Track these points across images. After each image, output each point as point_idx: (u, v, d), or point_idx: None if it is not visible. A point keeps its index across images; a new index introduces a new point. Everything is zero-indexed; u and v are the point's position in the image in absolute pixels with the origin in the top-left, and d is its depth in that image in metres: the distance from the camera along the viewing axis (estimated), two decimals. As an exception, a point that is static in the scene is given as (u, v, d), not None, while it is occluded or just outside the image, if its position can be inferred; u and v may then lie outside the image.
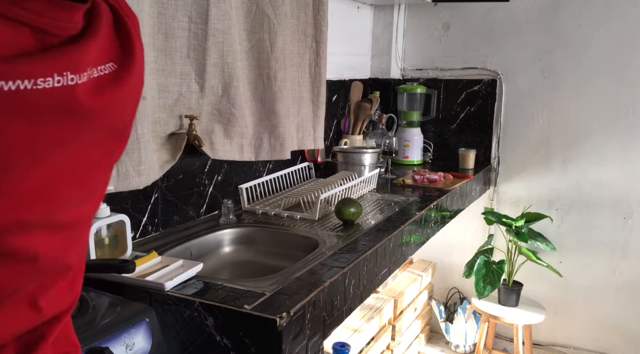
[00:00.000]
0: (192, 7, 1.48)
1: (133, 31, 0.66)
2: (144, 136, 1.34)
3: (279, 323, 1.06)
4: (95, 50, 0.57)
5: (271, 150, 1.80)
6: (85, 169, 0.61)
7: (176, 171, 1.62)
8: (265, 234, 1.71)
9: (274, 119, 1.77)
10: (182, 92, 1.49)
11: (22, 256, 0.55)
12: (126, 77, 0.62)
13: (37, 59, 0.50)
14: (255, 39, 1.70)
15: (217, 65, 1.57)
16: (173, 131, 1.49)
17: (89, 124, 0.58)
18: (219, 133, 1.63)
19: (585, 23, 2.50)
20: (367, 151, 2.34)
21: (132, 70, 0.63)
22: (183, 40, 1.47)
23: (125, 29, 0.64)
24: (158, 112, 1.42)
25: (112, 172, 0.74)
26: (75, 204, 0.61)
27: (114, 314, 0.99)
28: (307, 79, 1.96)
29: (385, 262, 1.60)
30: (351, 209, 1.73)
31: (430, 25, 2.86)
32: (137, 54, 0.66)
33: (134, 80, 0.64)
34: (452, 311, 2.96)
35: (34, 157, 0.53)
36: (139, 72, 0.66)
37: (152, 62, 1.37)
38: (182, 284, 1.21)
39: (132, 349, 0.94)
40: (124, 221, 1.30)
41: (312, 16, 1.93)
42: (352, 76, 2.70)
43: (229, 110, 1.63)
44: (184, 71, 1.49)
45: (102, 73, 0.58)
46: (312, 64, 1.96)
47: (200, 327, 1.12)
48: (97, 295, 1.07)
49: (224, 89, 1.61)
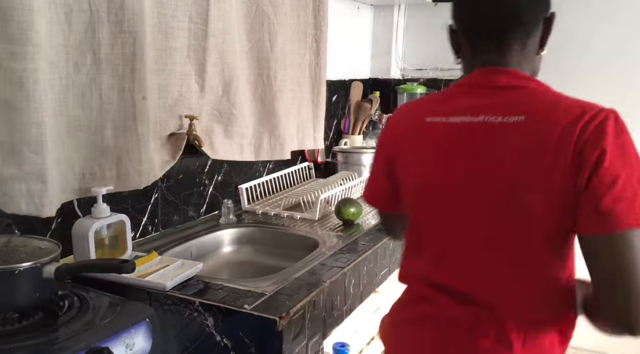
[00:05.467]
0: (192, 7, 1.48)
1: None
2: (144, 136, 1.34)
3: (279, 323, 1.06)
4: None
5: (271, 150, 1.80)
6: None
7: (176, 171, 1.62)
8: (265, 234, 1.71)
9: (274, 119, 1.77)
10: (182, 92, 1.49)
11: None
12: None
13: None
14: (255, 39, 1.70)
15: (217, 65, 1.57)
16: (173, 131, 1.49)
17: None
18: (219, 133, 1.63)
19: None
20: (367, 151, 2.34)
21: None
22: (183, 40, 1.47)
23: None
24: (158, 112, 1.42)
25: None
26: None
27: (114, 314, 0.99)
28: (307, 79, 1.96)
29: (385, 263, 1.60)
30: (351, 209, 1.73)
31: (430, 25, 2.86)
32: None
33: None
34: (452, 311, 2.95)
35: None
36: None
37: (152, 62, 1.37)
38: (182, 284, 1.20)
39: (132, 349, 0.94)
40: (124, 221, 1.30)
41: (312, 16, 1.93)
42: (352, 76, 2.70)
43: (229, 110, 1.63)
44: (184, 71, 1.49)
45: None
46: (312, 64, 1.96)
47: (200, 327, 1.12)
48: (97, 295, 1.07)
49: (224, 89, 1.61)
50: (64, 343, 0.89)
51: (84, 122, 1.23)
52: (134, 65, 1.28)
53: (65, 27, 1.16)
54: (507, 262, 0.90)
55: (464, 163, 0.91)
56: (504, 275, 0.91)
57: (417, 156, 0.98)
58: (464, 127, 0.91)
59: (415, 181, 0.99)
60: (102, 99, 1.25)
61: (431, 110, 0.97)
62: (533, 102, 0.88)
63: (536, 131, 0.85)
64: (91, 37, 1.21)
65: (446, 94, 1.00)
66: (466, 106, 0.93)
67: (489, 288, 0.92)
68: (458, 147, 0.92)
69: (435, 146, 0.95)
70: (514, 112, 0.87)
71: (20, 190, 1.08)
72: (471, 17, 0.96)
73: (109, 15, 1.22)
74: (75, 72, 1.19)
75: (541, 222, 0.86)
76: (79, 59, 1.19)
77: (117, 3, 1.23)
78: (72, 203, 1.32)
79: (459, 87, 0.98)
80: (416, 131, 0.98)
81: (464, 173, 0.91)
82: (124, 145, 1.30)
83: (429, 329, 0.98)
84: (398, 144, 1.02)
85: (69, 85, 1.18)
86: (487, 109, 0.90)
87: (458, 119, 0.92)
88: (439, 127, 0.94)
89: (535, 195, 0.84)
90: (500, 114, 0.88)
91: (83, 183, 1.25)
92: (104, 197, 1.25)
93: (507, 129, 0.87)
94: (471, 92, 0.94)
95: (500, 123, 0.88)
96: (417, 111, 1.01)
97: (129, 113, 1.30)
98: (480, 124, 0.89)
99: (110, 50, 1.24)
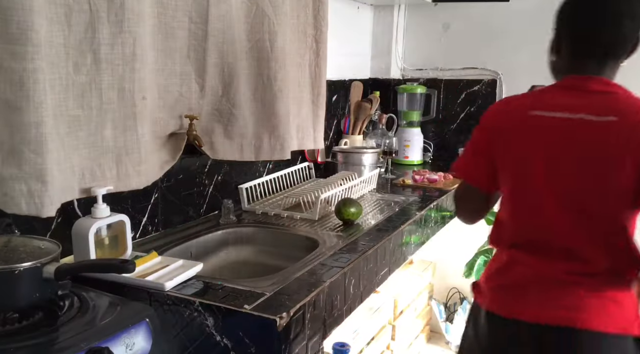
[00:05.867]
0: (192, 7, 1.48)
1: None
2: (144, 136, 1.34)
3: (279, 323, 1.06)
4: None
5: (271, 150, 1.80)
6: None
7: (176, 171, 1.62)
8: (265, 234, 1.71)
9: (274, 119, 1.77)
10: (182, 92, 1.49)
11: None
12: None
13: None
14: (255, 39, 1.70)
15: (217, 65, 1.57)
16: (173, 131, 1.49)
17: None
18: (219, 133, 1.63)
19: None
20: (367, 151, 2.34)
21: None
22: (183, 40, 1.47)
23: None
24: (158, 112, 1.42)
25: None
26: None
27: (114, 314, 0.99)
28: (307, 79, 1.96)
29: (385, 262, 1.60)
30: (351, 209, 1.73)
31: (430, 25, 2.86)
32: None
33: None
34: (452, 311, 2.96)
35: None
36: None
37: (152, 62, 1.37)
38: (182, 284, 1.21)
39: (132, 349, 0.94)
40: (124, 221, 1.30)
41: (312, 16, 1.93)
42: (352, 76, 2.70)
43: (229, 110, 1.63)
44: (184, 71, 1.49)
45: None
46: (312, 64, 1.96)
47: (200, 327, 1.12)
48: (97, 295, 1.07)
49: (224, 89, 1.61)
50: (64, 343, 0.89)
51: (84, 122, 1.23)
52: (134, 65, 1.28)
53: (65, 27, 1.16)
54: (599, 224, 1.16)
55: (564, 147, 1.15)
56: (597, 236, 1.16)
57: (524, 142, 1.20)
58: (564, 122, 1.15)
59: (521, 162, 1.20)
60: (102, 99, 1.25)
61: (534, 105, 1.21)
62: (622, 105, 1.14)
63: (626, 127, 1.10)
64: (91, 37, 1.21)
65: (544, 92, 1.24)
66: (565, 104, 1.17)
67: (584, 245, 1.16)
68: (560, 136, 1.15)
69: (541, 135, 1.18)
70: (606, 113, 1.12)
71: (20, 190, 1.08)
72: (587, 37, 1.17)
73: (109, 15, 1.22)
74: (75, 72, 1.19)
75: (627, 194, 1.12)
76: (79, 59, 1.19)
77: (117, 3, 1.23)
78: (72, 203, 1.32)
79: (555, 88, 1.23)
80: (523, 122, 1.20)
81: (564, 153, 1.15)
82: (124, 145, 1.30)
83: (533, 286, 1.20)
84: (503, 131, 1.23)
85: (68, 85, 1.18)
86: (584, 109, 1.14)
87: (559, 114, 1.16)
88: (543, 120, 1.18)
89: (624, 172, 1.10)
90: (595, 113, 1.13)
91: (83, 183, 1.25)
92: (104, 197, 1.25)
93: (601, 126, 1.12)
94: (568, 94, 1.18)
95: (596, 121, 1.13)
96: (521, 104, 1.23)
97: (129, 113, 1.30)
98: (579, 120, 1.14)
99: (110, 50, 1.24)
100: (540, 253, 1.20)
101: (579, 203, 1.16)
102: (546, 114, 1.18)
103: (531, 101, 1.22)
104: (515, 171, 1.22)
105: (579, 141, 1.14)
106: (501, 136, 1.23)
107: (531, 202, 1.21)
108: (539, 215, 1.20)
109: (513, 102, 1.26)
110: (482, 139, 1.28)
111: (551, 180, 1.17)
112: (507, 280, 1.25)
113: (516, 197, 1.24)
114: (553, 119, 1.17)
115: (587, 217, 1.16)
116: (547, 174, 1.17)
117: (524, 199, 1.22)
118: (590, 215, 1.16)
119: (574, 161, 1.15)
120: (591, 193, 1.14)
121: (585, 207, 1.15)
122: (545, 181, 1.17)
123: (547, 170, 1.17)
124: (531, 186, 1.20)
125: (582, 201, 1.15)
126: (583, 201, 1.15)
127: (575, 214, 1.16)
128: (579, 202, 1.16)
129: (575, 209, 1.16)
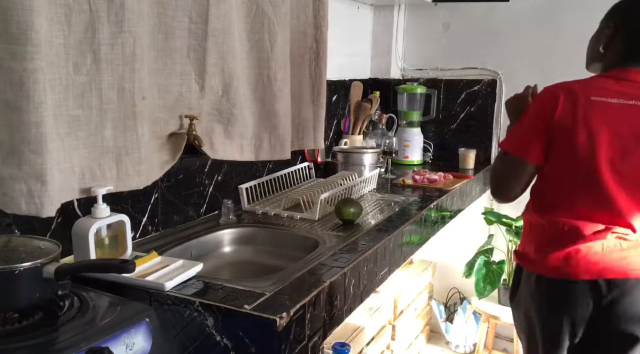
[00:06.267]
0: (192, 7, 1.48)
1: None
2: (144, 136, 1.34)
3: (279, 323, 1.06)
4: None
5: (271, 150, 1.80)
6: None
7: (176, 171, 1.62)
8: (265, 234, 1.71)
9: (274, 119, 1.77)
10: (182, 92, 1.49)
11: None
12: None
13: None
14: (255, 39, 1.70)
15: (217, 65, 1.57)
16: (173, 131, 1.49)
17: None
18: (219, 133, 1.63)
19: (585, 23, 2.49)
20: (367, 151, 2.34)
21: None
22: (183, 40, 1.47)
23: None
24: (158, 112, 1.42)
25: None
26: None
27: (114, 314, 0.99)
28: (307, 79, 1.96)
29: (385, 262, 1.60)
30: (351, 209, 1.73)
31: (430, 25, 2.86)
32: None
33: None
34: (452, 311, 2.96)
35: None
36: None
37: (152, 62, 1.37)
38: (182, 284, 1.21)
39: (132, 349, 0.94)
40: (124, 221, 1.30)
41: (312, 16, 1.93)
42: (352, 76, 2.70)
43: (229, 110, 1.63)
44: (184, 71, 1.49)
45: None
46: (312, 64, 1.96)
47: (200, 327, 1.12)
48: (97, 295, 1.07)
49: (224, 89, 1.61)
50: (64, 343, 0.89)
51: (84, 122, 1.23)
52: (133, 65, 1.28)
53: (65, 27, 1.15)
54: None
55: (624, 128, 1.34)
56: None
57: (586, 124, 1.35)
58: (621, 107, 1.35)
59: (583, 140, 1.35)
60: (102, 99, 1.25)
61: (592, 91, 1.37)
62: None
63: None
64: (91, 37, 1.21)
65: (593, 81, 1.41)
66: (620, 91, 1.36)
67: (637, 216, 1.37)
68: (619, 119, 1.34)
69: (602, 117, 1.35)
70: None
71: (20, 190, 1.08)
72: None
73: (109, 15, 1.22)
74: (75, 72, 1.19)
75: None
76: (79, 59, 1.19)
77: (117, 3, 1.23)
78: (72, 203, 1.32)
79: (603, 78, 1.42)
80: (585, 106, 1.35)
81: (625, 134, 1.34)
82: (123, 145, 1.30)
83: (586, 250, 1.38)
84: (566, 114, 1.36)
85: (68, 85, 1.18)
86: (636, 96, 1.35)
87: (615, 100, 1.35)
88: (603, 105, 1.35)
89: None
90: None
91: (83, 183, 1.25)
92: (104, 197, 1.25)
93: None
94: (621, 83, 1.37)
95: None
96: (580, 90, 1.38)
97: (129, 113, 1.30)
98: (633, 105, 1.35)
99: (110, 50, 1.24)
100: (595, 221, 1.37)
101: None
102: (604, 99, 1.35)
103: (587, 86, 1.38)
104: (579, 149, 1.36)
105: (633, 121, 1.33)
106: (563, 118, 1.36)
107: (591, 178, 1.36)
108: (599, 191, 1.36)
109: (568, 87, 1.39)
110: (538, 118, 1.40)
111: (614, 158, 1.34)
112: (560, 246, 1.40)
113: (576, 174, 1.38)
114: (610, 104, 1.35)
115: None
116: (609, 153, 1.34)
117: (584, 175, 1.37)
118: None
119: (632, 141, 1.34)
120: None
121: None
122: (607, 158, 1.34)
123: (609, 149, 1.34)
124: (594, 163, 1.35)
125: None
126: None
127: (632, 188, 1.35)
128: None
129: (634, 184, 1.35)
